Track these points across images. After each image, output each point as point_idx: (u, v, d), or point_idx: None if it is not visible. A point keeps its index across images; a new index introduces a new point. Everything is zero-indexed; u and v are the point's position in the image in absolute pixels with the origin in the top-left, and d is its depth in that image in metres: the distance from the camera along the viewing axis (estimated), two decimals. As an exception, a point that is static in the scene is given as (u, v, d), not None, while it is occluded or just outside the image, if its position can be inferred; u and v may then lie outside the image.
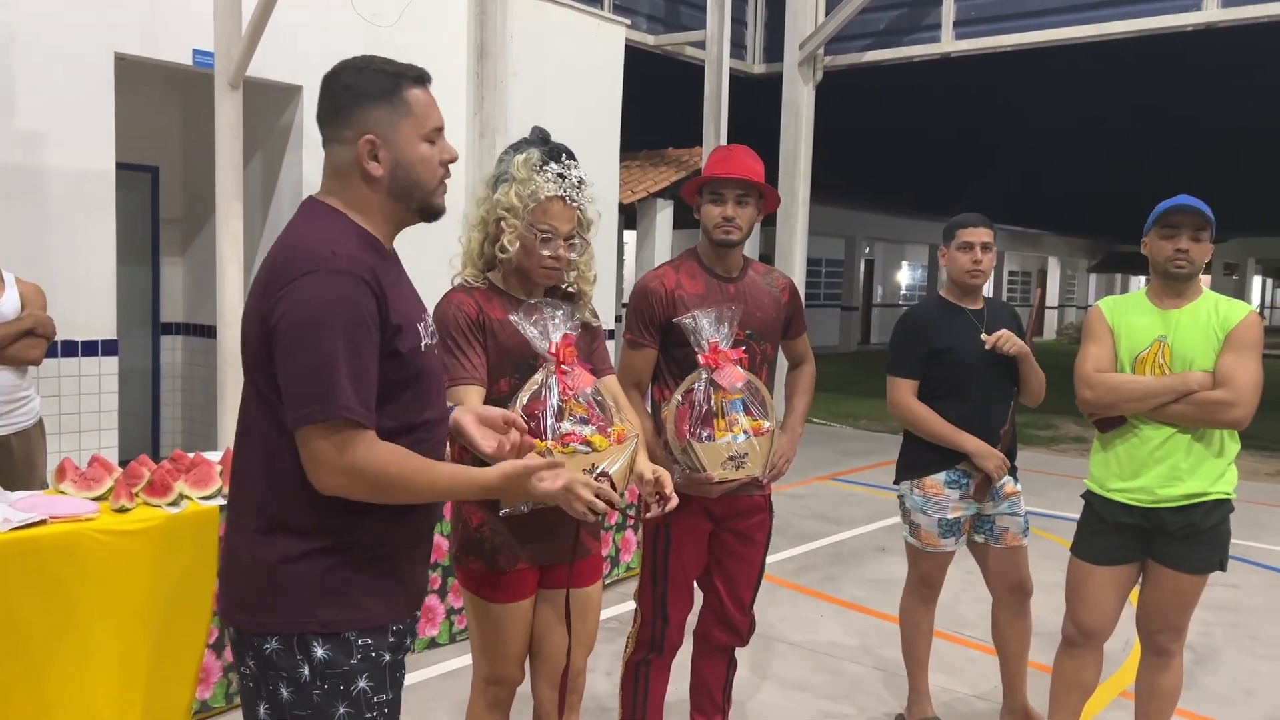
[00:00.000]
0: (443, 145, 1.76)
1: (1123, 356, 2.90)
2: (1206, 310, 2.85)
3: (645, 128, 10.30)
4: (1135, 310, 2.93)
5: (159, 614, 3.06)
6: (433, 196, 1.75)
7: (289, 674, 1.65)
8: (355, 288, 1.59)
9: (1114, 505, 2.89)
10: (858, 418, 11.94)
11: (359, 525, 1.68)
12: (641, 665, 2.93)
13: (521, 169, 2.33)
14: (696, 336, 2.62)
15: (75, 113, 5.41)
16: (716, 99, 9.54)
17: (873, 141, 15.90)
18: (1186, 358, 2.81)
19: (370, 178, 1.70)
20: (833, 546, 6.05)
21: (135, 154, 6.65)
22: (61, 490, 3.11)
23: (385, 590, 1.72)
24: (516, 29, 7.53)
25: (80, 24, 5.38)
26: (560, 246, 2.34)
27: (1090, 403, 2.90)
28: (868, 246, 25.32)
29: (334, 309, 1.57)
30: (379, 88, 1.69)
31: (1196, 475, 2.82)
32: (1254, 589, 5.42)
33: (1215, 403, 2.74)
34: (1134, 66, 11.82)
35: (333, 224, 1.68)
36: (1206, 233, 2.82)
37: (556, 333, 2.24)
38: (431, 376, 1.77)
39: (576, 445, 2.17)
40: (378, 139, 1.68)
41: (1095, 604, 2.95)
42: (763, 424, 2.65)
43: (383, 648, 1.72)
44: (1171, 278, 2.86)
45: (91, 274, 5.53)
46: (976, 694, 3.90)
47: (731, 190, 2.77)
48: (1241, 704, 3.88)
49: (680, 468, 2.64)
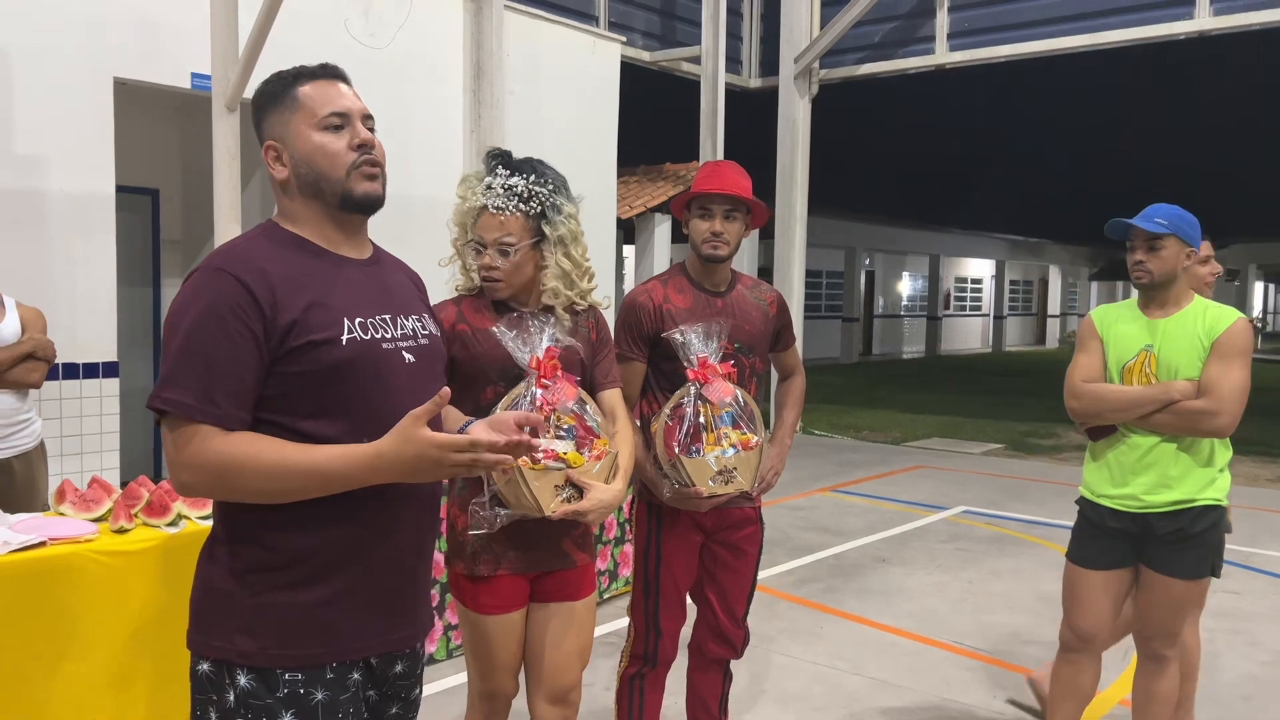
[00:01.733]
0: (353, 130, 1.67)
1: (1111, 366, 2.93)
2: (1194, 319, 2.87)
3: (643, 143, 10.37)
4: (1124, 320, 2.96)
5: (158, 634, 3.08)
6: (346, 184, 1.66)
7: (218, 698, 1.60)
8: (222, 282, 1.55)
9: (1104, 511, 2.94)
10: (859, 429, 11.94)
11: (280, 541, 1.59)
12: (636, 679, 2.94)
13: (460, 189, 2.39)
14: (685, 351, 2.64)
15: (76, 137, 5.46)
16: (713, 114, 9.60)
17: (871, 153, 15.99)
18: (1172, 366, 2.84)
19: (281, 183, 1.68)
20: (833, 558, 6.05)
21: (135, 177, 6.70)
22: (61, 512, 3.13)
23: (309, 628, 1.59)
24: (512, 47, 7.59)
25: (79, 49, 5.44)
26: (487, 256, 2.34)
27: (1077, 412, 2.95)
28: (868, 258, 25.34)
29: (192, 303, 1.55)
30: (273, 95, 1.69)
31: (1185, 482, 2.85)
32: (1255, 595, 5.41)
33: (1197, 412, 2.78)
34: (1129, 75, 11.88)
35: (254, 231, 1.69)
36: (1165, 241, 2.85)
37: (539, 346, 2.25)
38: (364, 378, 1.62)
39: (549, 462, 2.18)
40: (276, 142, 1.68)
41: (1089, 608, 2.98)
42: (751, 438, 2.67)
43: (315, 685, 1.59)
44: (1139, 288, 2.94)
45: (92, 296, 5.57)
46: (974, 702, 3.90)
47: (719, 205, 2.78)
48: (1240, 709, 3.88)
49: (670, 483, 2.66)
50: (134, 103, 6.18)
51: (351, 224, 1.72)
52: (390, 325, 1.69)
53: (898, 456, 10.13)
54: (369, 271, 1.74)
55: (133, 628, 3.03)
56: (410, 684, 1.81)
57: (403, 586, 1.71)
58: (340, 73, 1.73)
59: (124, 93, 5.76)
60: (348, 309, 1.64)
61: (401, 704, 1.81)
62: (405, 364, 1.69)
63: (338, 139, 1.66)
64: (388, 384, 1.64)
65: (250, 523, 1.60)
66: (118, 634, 3.00)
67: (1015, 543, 6.51)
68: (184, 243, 7.44)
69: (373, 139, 1.70)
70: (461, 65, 7.44)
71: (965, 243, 28.63)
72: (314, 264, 1.65)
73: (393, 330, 1.69)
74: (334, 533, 1.60)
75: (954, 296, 29.84)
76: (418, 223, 4.78)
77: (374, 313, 1.68)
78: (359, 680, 1.67)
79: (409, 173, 6.44)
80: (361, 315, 1.65)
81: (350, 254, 1.72)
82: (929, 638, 4.66)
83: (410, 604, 1.74)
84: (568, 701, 2.49)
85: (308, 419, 1.59)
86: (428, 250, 2.65)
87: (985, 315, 31.32)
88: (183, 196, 7.39)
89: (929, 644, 4.59)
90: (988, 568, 5.91)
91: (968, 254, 29.33)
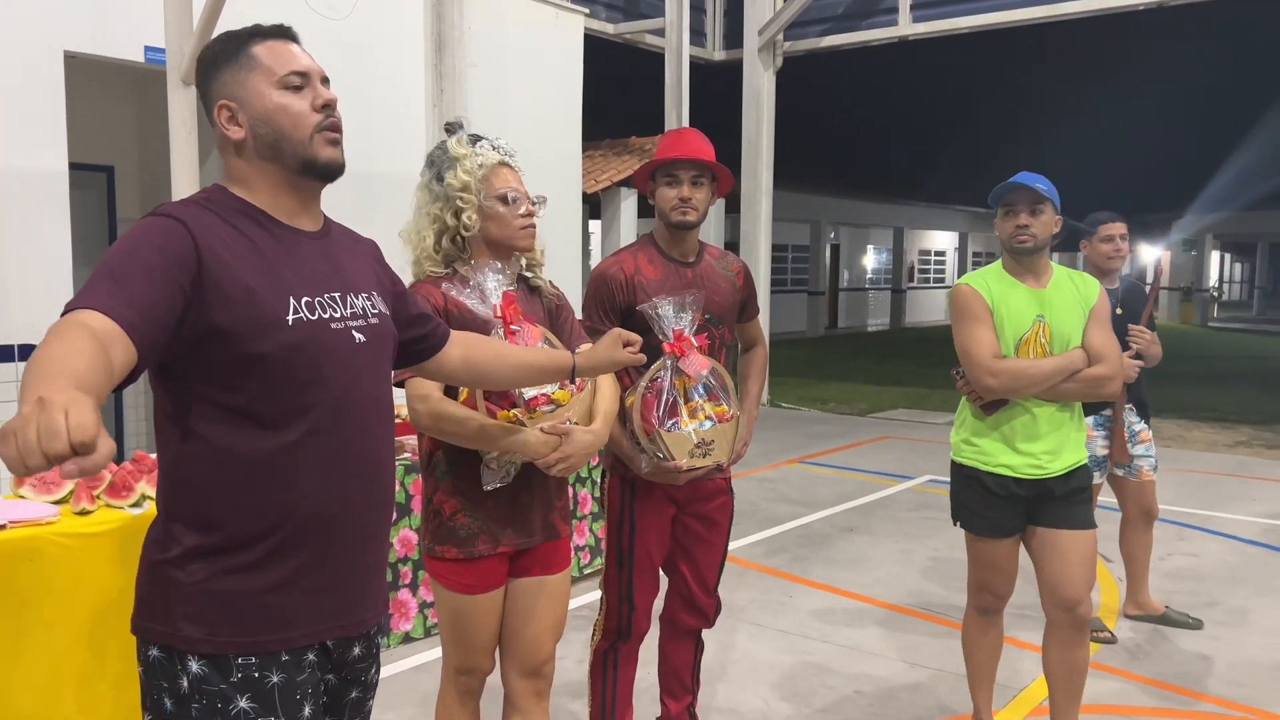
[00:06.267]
0: (315, 89, 1.61)
1: (1008, 338, 2.92)
2: (1067, 287, 2.97)
3: (607, 117, 10.31)
4: (1009, 290, 2.96)
5: (122, 616, 3.04)
6: (309, 148, 1.59)
7: (169, 685, 1.55)
8: (159, 224, 1.48)
9: (1006, 479, 2.97)
10: (825, 401, 12.03)
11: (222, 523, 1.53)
12: (609, 653, 2.95)
13: (458, 148, 2.36)
14: (659, 324, 2.62)
15: (25, 112, 5.32)
16: (677, 86, 9.56)
17: (835, 126, 16.03)
18: (1064, 335, 2.92)
19: (236, 144, 1.60)
20: (801, 529, 6.11)
21: (90, 154, 6.55)
22: (21, 495, 3.08)
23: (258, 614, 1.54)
24: (474, 20, 7.49)
25: (26, 21, 5.29)
26: (527, 205, 2.37)
27: (995, 390, 2.91)
28: (833, 231, 25.45)
29: (126, 240, 1.47)
30: (225, 53, 1.61)
31: (1074, 446, 2.99)
32: (1212, 556, 5.53)
33: (1099, 378, 2.91)
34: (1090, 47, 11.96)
35: (200, 196, 1.61)
36: (1045, 206, 2.90)
37: (495, 294, 2.25)
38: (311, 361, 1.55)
39: (543, 408, 2.20)
40: (231, 101, 1.59)
41: (1008, 572, 3.09)
42: (726, 409, 2.68)
43: (270, 669, 1.55)
44: (1017, 253, 2.94)
45: (47, 276, 5.45)
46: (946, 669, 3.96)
47: (686, 171, 2.77)
48: (1199, 668, 3.98)
49: (648, 457, 2.66)
50: (87, 77, 6.04)
51: (308, 191, 1.65)
52: (339, 304, 1.63)
53: (864, 428, 10.22)
54: (319, 245, 1.67)
55: (96, 610, 3.00)
56: (368, 666, 1.76)
57: (355, 569, 1.66)
58: (293, 34, 1.66)
59: (76, 67, 5.62)
60: (295, 288, 1.57)
61: (361, 687, 1.76)
62: (355, 344, 1.62)
63: (299, 99, 1.60)
64: (334, 365, 1.58)
65: (190, 503, 1.55)
66: (81, 617, 2.96)
67: (980, 510, 6.60)
68: (141, 221, 7.31)
69: (335, 100, 1.64)
70: (422, 38, 7.33)
71: (929, 215, 28.83)
72: (262, 235, 1.58)
73: (342, 309, 1.62)
74: (279, 515, 1.55)
75: (918, 269, 30.06)
76: (379, 198, 4.73)
77: (322, 291, 1.61)
78: (314, 661, 1.62)
79: (370, 147, 6.33)
80: (310, 294, 1.58)
81: (302, 225, 1.65)
82: (896, 604, 4.72)
83: (364, 586, 1.68)
84: (541, 675, 2.50)
85: (255, 399, 1.52)
86: (388, 224, 2.61)
87: (948, 287, 31.57)
88: (139, 173, 7.24)
89: (897, 610, 4.65)
90: (953, 535, 5.95)
91: (931, 226, 29.55)
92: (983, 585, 3.12)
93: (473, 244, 2.38)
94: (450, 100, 7.26)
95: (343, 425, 1.60)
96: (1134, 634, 4.33)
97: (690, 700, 3.15)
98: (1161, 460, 4.74)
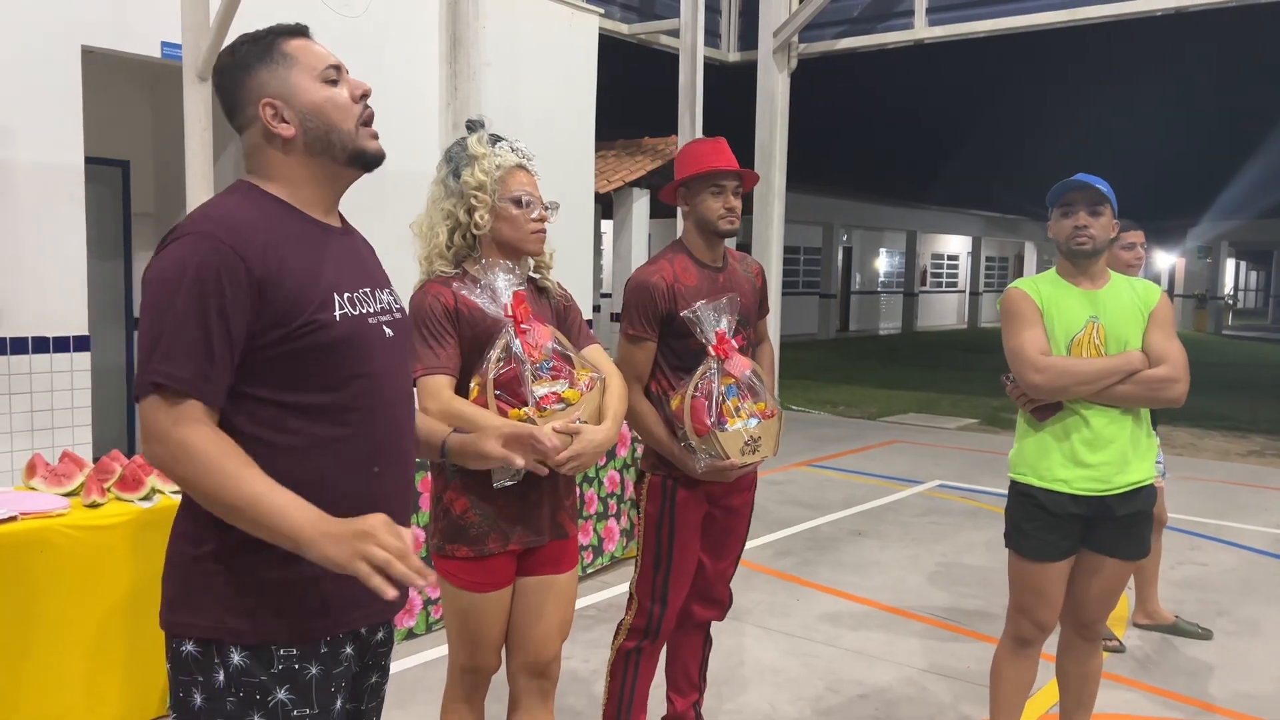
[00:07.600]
0: (349, 82, 1.65)
1: (1058, 338, 2.78)
2: (1125, 290, 2.82)
3: (621, 117, 10.31)
4: (1061, 293, 2.83)
5: (133, 608, 3.06)
6: (357, 140, 1.64)
7: (204, 679, 1.55)
8: (211, 249, 1.49)
9: (1063, 497, 2.76)
10: (836, 404, 12.01)
11: None
12: (633, 653, 2.96)
13: (477, 147, 2.38)
14: (701, 328, 2.70)
15: (43, 107, 5.35)
16: (691, 87, 9.53)
17: (849, 129, 15.99)
18: (1120, 337, 2.76)
19: (284, 141, 1.61)
20: (809, 532, 6.10)
21: (106, 148, 6.58)
22: (32, 487, 3.10)
23: (305, 602, 1.58)
24: (489, 18, 7.50)
25: (46, 18, 5.32)
26: (538, 211, 2.39)
27: (1040, 387, 2.73)
28: (845, 234, 25.39)
29: (180, 270, 1.48)
30: (256, 53, 1.63)
31: (1141, 460, 2.78)
32: (1223, 566, 5.50)
33: (1160, 380, 2.70)
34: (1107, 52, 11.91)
35: (234, 194, 1.62)
36: (1105, 208, 2.77)
37: (506, 293, 2.26)
38: (354, 356, 1.60)
39: (553, 406, 2.21)
40: (275, 99, 1.60)
41: (1053, 601, 2.85)
42: (766, 406, 2.79)
43: (310, 660, 1.59)
44: (1075, 255, 2.80)
45: (62, 270, 5.48)
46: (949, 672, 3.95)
47: (730, 181, 2.86)
48: (1207, 679, 3.95)
49: (703, 456, 2.71)
50: (104, 72, 6.07)
51: (345, 185, 1.69)
52: (372, 299, 1.67)
53: (874, 431, 10.19)
54: (347, 241, 1.71)
55: (107, 602, 3.02)
56: (388, 650, 1.82)
57: None
58: (310, 32, 1.70)
59: (93, 62, 5.65)
60: (337, 283, 1.61)
61: (380, 671, 1.80)
62: (386, 339, 1.66)
63: (340, 91, 1.64)
64: (373, 360, 1.62)
65: None
66: (91, 608, 2.98)
67: (989, 516, 6.58)
68: (155, 215, 7.33)
69: (370, 89, 1.69)
70: (437, 36, 7.35)
71: (942, 219, 28.73)
72: (302, 233, 1.61)
73: (374, 304, 1.67)
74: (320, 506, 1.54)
75: (930, 273, 29.97)
76: (392, 195, 4.74)
77: (358, 286, 1.65)
78: (351, 654, 1.66)
79: (383, 144, 6.35)
80: (349, 290, 1.62)
81: (332, 221, 1.69)
82: (904, 610, 4.71)
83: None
84: (547, 674, 2.50)
85: (299, 393, 1.56)
86: (401, 222, 2.62)
87: (961, 291, 31.49)
88: (154, 168, 7.27)
89: (904, 616, 4.64)
90: (962, 541, 5.97)
91: (944, 230, 29.44)
92: (1023, 610, 2.88)
93: (483, 243, 2.39)
94: (464, 98, 7.26)
95: (380, 418, 1.64)
96: (1143, 643, 4.30)
97: (696, 698, 3.16)
98: (1174, 469, 4.71)
